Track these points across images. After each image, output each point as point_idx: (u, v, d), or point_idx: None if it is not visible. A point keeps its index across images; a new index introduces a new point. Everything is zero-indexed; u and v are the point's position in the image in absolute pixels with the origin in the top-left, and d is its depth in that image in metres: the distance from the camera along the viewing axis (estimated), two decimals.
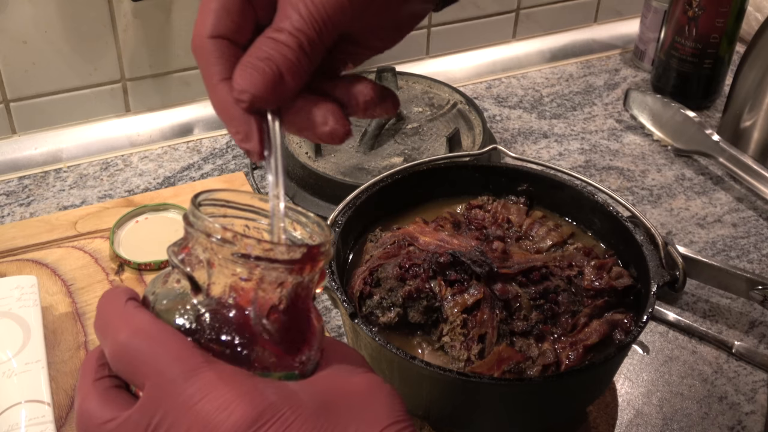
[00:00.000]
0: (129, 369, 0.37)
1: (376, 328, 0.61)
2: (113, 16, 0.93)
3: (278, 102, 0.40)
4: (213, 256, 0.38)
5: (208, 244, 0.37)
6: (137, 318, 0.38)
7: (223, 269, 0.38)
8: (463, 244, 0.65)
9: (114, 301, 0.39)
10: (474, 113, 0.97)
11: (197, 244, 0.38)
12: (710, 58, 1.04)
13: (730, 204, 0.93)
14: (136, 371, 0.37)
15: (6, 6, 0.88)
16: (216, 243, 0.37)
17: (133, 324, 0.38)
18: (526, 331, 0.60)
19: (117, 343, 0.37)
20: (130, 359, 0.37)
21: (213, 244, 0.37)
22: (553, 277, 0.63)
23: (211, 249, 0.37)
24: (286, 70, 0.39)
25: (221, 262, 0.38)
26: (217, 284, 0.38)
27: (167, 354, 0.36)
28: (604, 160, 0.99)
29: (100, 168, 0.95)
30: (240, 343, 0.38)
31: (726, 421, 0.69)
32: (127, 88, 0.99)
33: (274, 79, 0.39)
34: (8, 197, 0.91)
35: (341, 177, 0.86)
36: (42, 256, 0.80)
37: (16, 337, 0.67)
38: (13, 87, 0.93)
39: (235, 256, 0.37)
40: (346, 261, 0.68)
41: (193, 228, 0.38)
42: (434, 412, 0.62)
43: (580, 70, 1.17)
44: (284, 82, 0.39)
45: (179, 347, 0.37)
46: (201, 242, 0.38)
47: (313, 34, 0.40)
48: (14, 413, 0.62)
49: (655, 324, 0.78)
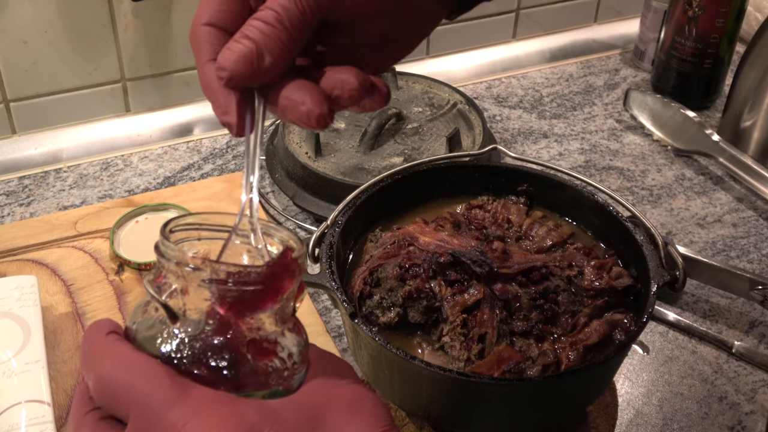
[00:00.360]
0: (112, 401, 0.38)
1: (376, 328, 0.61)
2: (113, 16, 0.93)
3: (258, 79, 0.41)
4: (185, 283, 0.38)
5: (179, 271, 0.38)
6: (117, 350, 0.38)
7: (196, 295, 0.38)
8: (463, 244, 0.65)
9: (95, 336, 0.39)
10: (474, 113, 0.97)
11: (169, 273, 0.39)
12: (710, 58, 1.04)
13: (730, 204, 0.93)
14: (119, 403, 0.37)
15: (6, 6, 0.88)
16: (186, 270, 0.38)
17: (113, 357, 0.38)
18: (526, 331, 0.60)
19: (99, 377, 0.38)
20: (112, 391, 0.38)
21: (183, 272, 0.38)
22: (553, 277, 0.63)
23: (182, 276, 0.38)
24: (266, 47, 0.40)
25: (194, 289, 0.38)
26: (192, 310, 0.39)
27: (148, 384, 0.37)
28: (604, 160, 0.99)
29: (100, 168, 0.95)
30: (221, 366, 0.38)
31: (726, 421, 0.69)
32: (127, 88, 0.99)
33: (251, 56, 0.40)
34: (8, 197, 0.91)
35: (341, 177, 0.86)
36: (42, 256, 0.80)
37: (16, 337, 0.67)
38: (13, 87, 0.93)
39: (206, 282, 0.38)
40: (346, 261, 0.68)
41: (163, 257, 0.38)
42: (434, 412, 0.62)
43: (580, 70, 1.17)
44: (263, 60, 0.40)
45: (159, 376, 0.37)
46: (172, 270, 0.38)
47: (295, 9, 0.40)
48: (14, 413, 0.62)
49: (655, 324, 0.78)
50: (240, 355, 0.38)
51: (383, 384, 0.62)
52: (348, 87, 0.42)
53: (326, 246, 0.63)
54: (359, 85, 0.42)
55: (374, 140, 0.91)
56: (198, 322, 0.38)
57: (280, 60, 0.41)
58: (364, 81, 0.43)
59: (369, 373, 0.63)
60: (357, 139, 0.92)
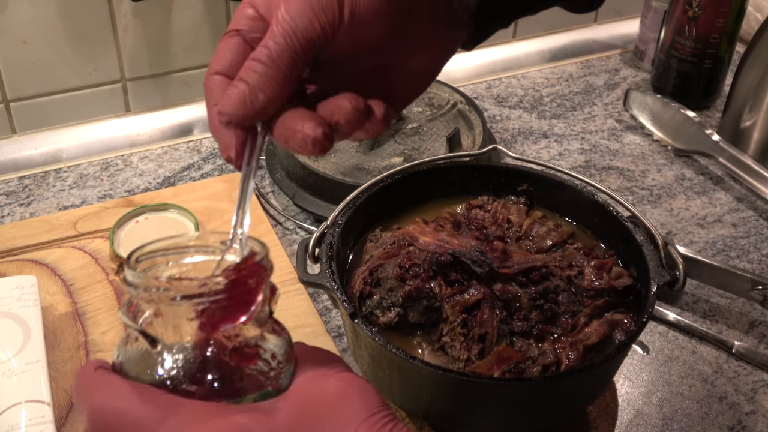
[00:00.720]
0: (107, 430, 0.38)
1: (376, 328, 0.61)
2: (113, 16, 0.94)
3: (255, 117, 0.43)
4: (157, 306, 0.39)
5: (148, 296, 0.39)
6: (106, 382, 0.39)
7: (170, 316, 0.39)
8: (463, 244, 0.65)
9: (84, 374, 0.40)
10: (474, 113, 0.97)
11: (140, 300, 0.40)
12: (710, 58, 1.04)
13: (730, 204, 0.93)
14: (114, 430, 0.38)
15: (6, 6, 0.89)
16: (154, 293, 0.39)
17: (102, 388, 0.39)
18: (526, 331, 0.60)
19: (91, 409, 0.39)
20: (105, 420, 0.38)
21: (152, 295, 0.39)
22: (553, 277, 0.63)
23: (152, 300, 0.39)
24: (259, 87, 0.42)
25: (166, 310, 0.39)
26: (170, 331, 0.39)
27: (138, 406, 0.38)
28: (604, 160, 0.99)
29: (100, 168, 0.95)
30: (207, 380, 0.39)
31: (726, 421, 0.69)
32: (127, 88, 0.99)
33: (245, 97, 0.42)
34: (8, 197, 0.91)
35: (341, 177, 0.86)
36: (42, 256, 0.80)
37: (16, 337, 0.67)
38: (13, 87, 0.93)
39: (175, 300, 0.38)
40: (346, 261, 0.68)
41: (131, 286, 0.39)
42: (434, 412, 0.62)
43: (580, 70, 1.17)
44: (257, 99, 0.42)
45: (149, 398, 0.38)
46: (142, 297, 0.39)
47: (285, 46, 0.42)
48: (14, 413, 0.62)
49: (655, 324, 0.78)
50: (224, 365, 0.39)
51: (383, 384, 0.62)
52: (343, 111, 0.43)
53: (326, 246, 0.63)
54: (353, 108, 0.43)
55: (374, 140, 0.91)
56: (178, 341, 0.39)
57: (274, 96, 0.42)
58: (357, 104, 0.44)
59: (369, 373, 0.63)
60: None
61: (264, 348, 0.40)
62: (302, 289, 0.78)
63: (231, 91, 0.42)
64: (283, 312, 0.75)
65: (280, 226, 0.88)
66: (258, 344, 0.40)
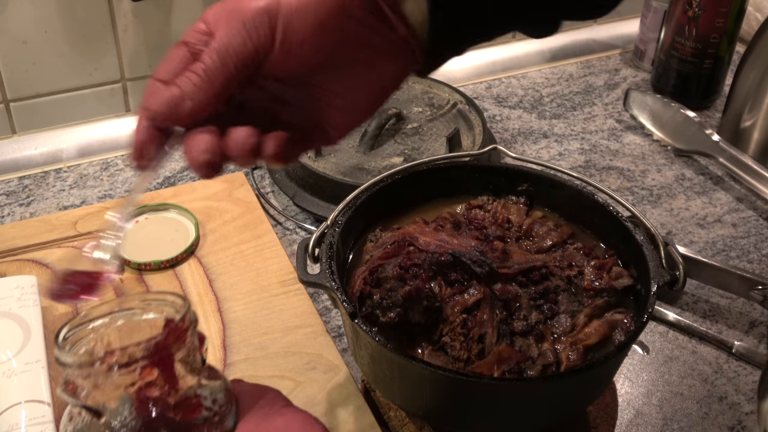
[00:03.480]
0: None
1: (376, 328, 0.61)
2: (113, 16, 0.94)
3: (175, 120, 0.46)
4: (93, 379, 0.41)
5: (82, 372, 0.41)
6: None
7: (107, 386, 0.41)
8: (463, 244, 0.65)
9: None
10: (474, 113, 0.97)
11: (76, 377, 0.41)
12: (710, 58, 1.04)
13: (730, 204, 0.93)
14: None
15: (6, 6, 0.89)
16: (86, 370, 0.40)
17: None
18: (526, 331, 0.60)
19: None
20: None
21: (85, 371, 0.40)
22: (553, 277, 0.63)
23: (86, 375, 0.41)
24: (189, 95, 0.45)
25: (102, 381, 0.41)
26: (110, 399, 0.41)
27: None
28: (604, 160, 0.99)
29: (100, 168, 0.95)
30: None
31: (726, 421, 0.69)
32: (127, 88, 0.99)
33: (174, 100, 0.45)
34: (8, 197, 0.91)
35: (341, 177, 0.86)
36: (42, 256, 0.80)
37: (16, 337, 0.67)
38: (13, 87, 0.93)
39: (107, 371, 0.40)
40: (346, 261, 0.68)
41: (64, 366, 0.41)
42: (434, 412, 0.62)
43: (580, 70, 1.17)
44: (184, 104, 0.45)
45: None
46: (77, 374, 0.41)
47: (219, 62, 0.45)
48: (14, 413, 0.62)
49: (655, 324, 0.78)
50: (170, 422, 0.41)
51: (383, 384, 0.62)
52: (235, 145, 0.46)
53: (326, 246, 0.63)
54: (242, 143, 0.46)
55: (374, 140, 0.91)
56: (120, 408, 0.41)
57: (200, 106, 0.45)
58: (247, 140, 0.46)
59: (369, 373, 0.63)
60: (357, 139, 0.92)
61: (204, 396, 0.42)
62: (302, 289, 0.78)
63: (163, 93, 0.45)
64: (283, 312, 0.76)
65: (280, 226, 0.88)
66: (198, 393, 0.42)
